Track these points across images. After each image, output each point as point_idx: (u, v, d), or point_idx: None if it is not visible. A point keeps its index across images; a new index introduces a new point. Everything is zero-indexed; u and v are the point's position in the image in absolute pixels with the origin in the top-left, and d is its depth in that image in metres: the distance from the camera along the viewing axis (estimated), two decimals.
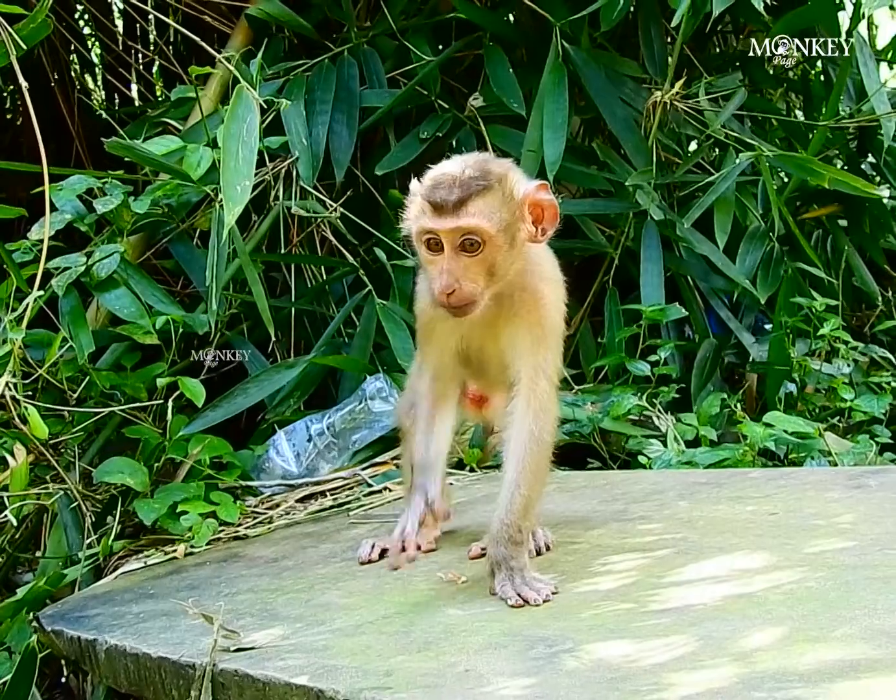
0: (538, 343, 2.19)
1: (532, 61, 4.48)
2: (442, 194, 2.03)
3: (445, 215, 2.03)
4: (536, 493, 2.17)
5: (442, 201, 2.03)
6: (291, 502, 3.37)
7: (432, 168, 2.13)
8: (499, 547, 2.11)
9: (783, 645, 1.61)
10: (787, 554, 2.05)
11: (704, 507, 2.52)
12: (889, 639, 1.56)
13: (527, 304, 2.18)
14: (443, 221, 2.03)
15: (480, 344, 2.28)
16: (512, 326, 2.20)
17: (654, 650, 1.68)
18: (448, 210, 2.03)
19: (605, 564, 2.18)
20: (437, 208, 2.03)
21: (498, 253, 2.07)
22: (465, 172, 2.05)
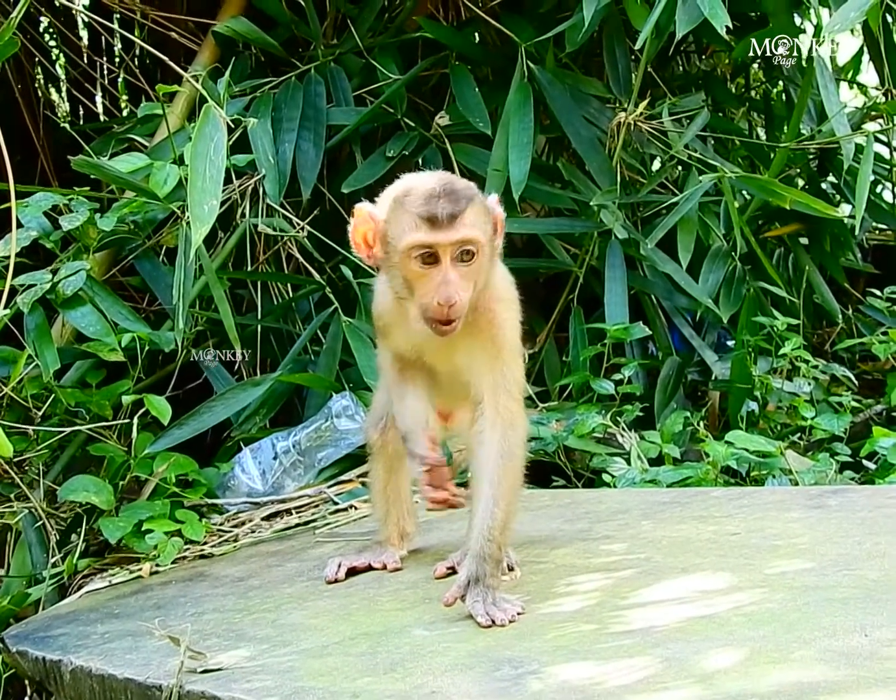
0: (494, 360, 2.21)
1: (498, 81, 4.53)
2: (437, 207, 2.03)
3: (442, 228, 2.03)
4: (513, 509, 2.19)
5: (438, 214, 2.03)
6: (257, 520, 3.36)
7: (397, 187, 2.15)
8: (480, 563, 2.13)
9: (744, 666, 1.63)
10: (748, 574, 2.08)
11: (668, 527, 2.54)
12: (847, 660, 1.59)
13: (480, 323, 2.19)
14: (441, 234, 2.03)
15: (433, 359, 2.30)
16: (466, 344, 2.20)
17: (618, 672, 1.71)
18: (444, 222, 2.03)
19: (570, 584, 2.20)
20: (432, 221, 2.03)
21: (484, 264, 2.11)
22: (448, 185, 2.07)
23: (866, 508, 2.41)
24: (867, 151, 3.87)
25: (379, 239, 2.13)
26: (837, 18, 3.69)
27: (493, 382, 2.20)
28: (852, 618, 1.76)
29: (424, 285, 2.07)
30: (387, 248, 2.11)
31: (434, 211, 2.03)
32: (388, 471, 2.61)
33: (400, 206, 2.08)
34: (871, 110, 4.97)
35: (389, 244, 2.09)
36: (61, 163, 4.51)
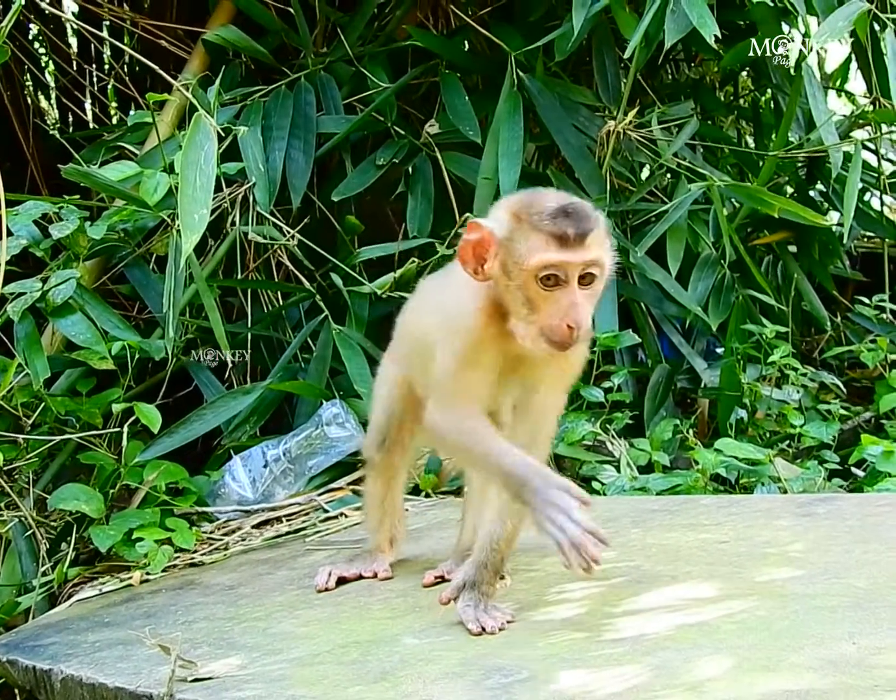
0: (558, 388, 2.20)
1: (487, 89, 4.54)
2: (568, 226, 1.94)
3: (573, 247, 1.94)
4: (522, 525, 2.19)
5: (569, 233, 1.94)
6: (247, 528, 3.36)
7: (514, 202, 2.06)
8: (480, 570, 2.15)
9: (734, 674, 1.64)
10: (737, 583, 2.09)
11: (657, 535, 2.55)
12: (836, 668, 1.60)
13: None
14: (571, 254, 1.94)
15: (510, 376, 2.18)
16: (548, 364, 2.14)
17: (609, 680, 1.72)
18: (574, 242, 1.94)
19: (561, 593, 2.21)
20: (563, 240, 1.94)
21: (601, 288, 2.05)
22: (574, 203, 1.99)
23: (855, 516, 2.43)
24: (855, 160, 3.89)
25: (496, 256, 2.02)
26: (826, 27, 3.72)
27: (553, 403, 2.21)
28: (841, 626, 1.78)
29: (551, 306, 1.97)
30: (507, 266, 2.00)
31: (565, 230, 1.94)
32: (387, 487, 2.61)
33: (525, 222, 1.99)
34: (858, 119, 4.99)
35: (512, 262, 1.99)
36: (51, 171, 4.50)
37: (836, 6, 3.95)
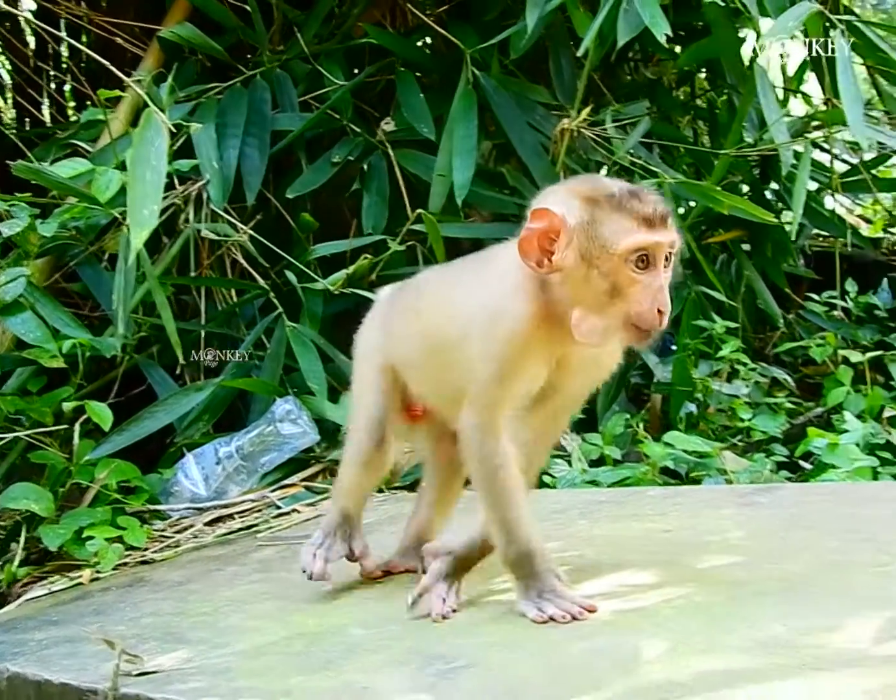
0: (597, 381, 2.18)
1: (444, 87, 4.55)
2: (655, 207, 1.89)
3: (659, 228, 1.88)
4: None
5: (658, 213, 1.88)
6: (200, 525, 3.36)
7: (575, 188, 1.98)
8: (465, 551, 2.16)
9: (670, 657, 1.67)
10: (678, 570, 2.12)
11: (603, 525, 2.58)
12: (766, 649, 1.63)
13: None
14: (660, 235, 1.88)
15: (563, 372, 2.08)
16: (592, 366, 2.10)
17: (547, 665, 1.73)
18: (660, 223, 1.88)
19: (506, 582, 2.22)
20: (650, 222, 1.87)
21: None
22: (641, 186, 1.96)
23: (795, 505, 2.46)
24: (804, 159, 3.94)
25: (570, 244, 1.91)
26: (776, 27, 3.77)
27: (571, 402, 2.17)
28: (774, 609, 1.81)
29: (639, 292, 1.88)
30: (590, 253, 1.89)
31: (653, 211, 1.88)
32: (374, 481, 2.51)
33: (606, 205, 1.90)
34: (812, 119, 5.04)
35: (597, 247, 1.88)
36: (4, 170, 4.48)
37: (788, 6, 4.00)
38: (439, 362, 2.17)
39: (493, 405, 2.02)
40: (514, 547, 2.02)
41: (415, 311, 2.30)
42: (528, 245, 1.93)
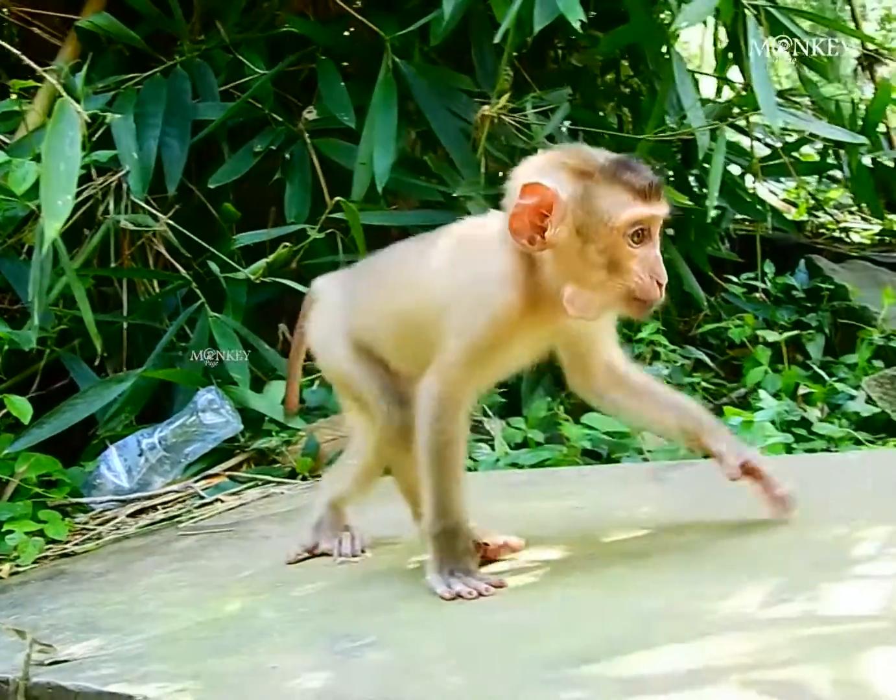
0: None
1: (366, 76, 4.55)
2: (649, 179, 1.86)
3: (654, 200, 1.87)
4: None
5: (652, 185, 1.86)
6: (122, 517, 3.35)
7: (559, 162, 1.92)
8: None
9: (565, 627, 1.70)
10: (584, 544, 2.16)
11: (519, 505, 2.61)
12: (659, 617, 1.67)
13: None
14: (656, 208, 1.87)
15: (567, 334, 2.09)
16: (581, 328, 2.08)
17: (453, 638, 1.77)
18: (655, 195, 1.87)
19: (418, 564, 2.25)
20: (646, 194, 1.85)
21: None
22: (629, 156, 1.96)
23: (702, 480, 2.50)
24: (720, 142, 4.01)
25: (565, 220, 1.87)
26: (688, 13, 3.82)
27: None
28: (672, 578, 1.85)
29: (637, 264, 1.88)
30: (586, 227, 1.86)
31: (647, 182, 1.86)
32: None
33: (600, 178, 1.87)
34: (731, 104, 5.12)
35: (595, 222, 1.86)
36: None
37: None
38: (415, 338, 2.12)
39: (461, 383, 2.01)
40: (443, 522, 2.02)
41: (387, 288, 2.24)
42: (518, 222, 1.88)
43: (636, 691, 1.40)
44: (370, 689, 1.62)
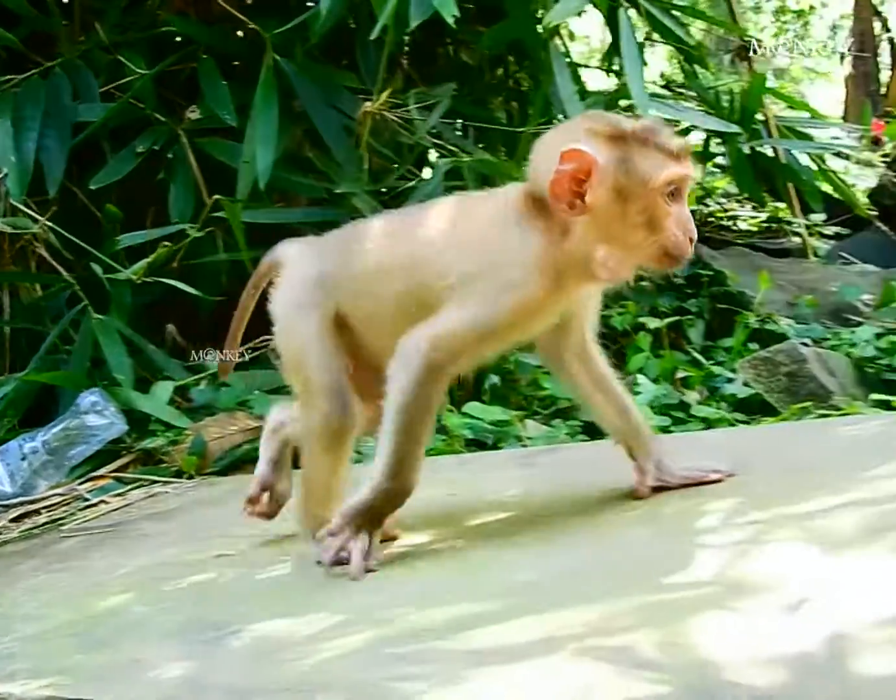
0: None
1: (249, 74, 4.56)
2: (679, 141, 1.98)
3: (685, 160, 1.98)
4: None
5: (682, 146, 1.98)
6: (4, 522, 3.31)
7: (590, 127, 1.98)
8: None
9: (421, 607, 1.75)
10: (452, 528, 2.21)
11: None
12: (512, 593, 1.72)
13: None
14: (688, 168, 1.99)
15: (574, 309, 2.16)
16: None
17: (312, 623, 1.80)
18: (685, 156, 1.98)
19: (288, 553, 2.29)
20: (678, 155, 1.97)
21: None
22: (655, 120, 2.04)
23: (571, 464, 2.59)
24: None
25: (604, 182, 1.93)
26: (559, 8, 3.90)
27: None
28: (529, 557, 1.91)
29: (672, 222, 1.96)
30: (626, 189, 1.94)
31: (678, 144, 1.98)
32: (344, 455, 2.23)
33: (635, 141, 1.96)
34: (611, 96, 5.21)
35: (636, 183, 1.93)
36: None
37: None
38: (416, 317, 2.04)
39: (458, 355, 2.00)
40: (392, 483, 1.99)
41: (387, 265, 2.15)
42: (559, 187, 1.94)
43: (476, 663, 1.45)
44: (230, 675, 1.65)
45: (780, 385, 3.68)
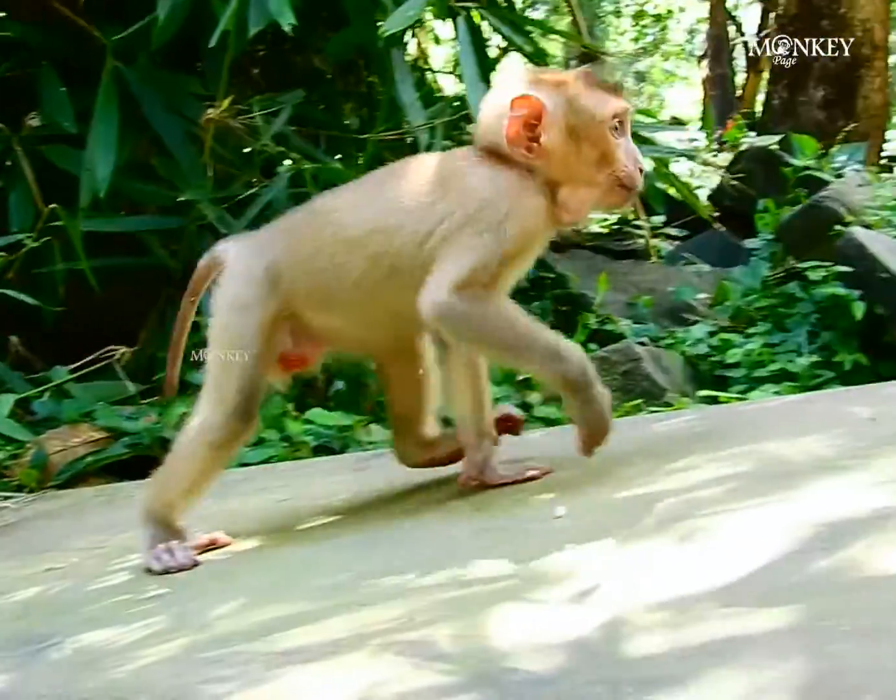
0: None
1: (90, 81, 4.50)
2: (616, 80, 2.13)
3: (624, 96, 2.13)
4: None
5: (620, 83, 2.14)
6: None
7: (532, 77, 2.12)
8: None
9: (240, 611, 1.80)
10: (279, 533, 2.26)
11: (232, 502, 2.67)
12: (326, 594, 1.77)
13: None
14: (627, 102, 2.12)
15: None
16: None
17: (133, 632, 1.82)
18: (622, 92, 2.13)
19: (119, 563, 2.29)
20: (617, 91, 2.13)
21: None
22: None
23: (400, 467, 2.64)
24: (435, 143, 4.18)
25: (555, 124, 2.06)
26: (395, 18, 3.97)
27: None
28: (346, 558, 1.97)
29: (622, 155, 2.09)
30: (577, 127, 2.07)
31: (616, 81, 2.14)
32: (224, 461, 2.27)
33: (578, 83, 2.10)
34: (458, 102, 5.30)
35: (585, 120, 2.07)
36: None
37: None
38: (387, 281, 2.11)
39: (493, 282, 2.03)
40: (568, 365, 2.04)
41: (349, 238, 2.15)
42: (514, 132, 2.06)
43: (282, 663, 1.50)
44: (47, 686, 1.66)
45: (616, 383, 3.82)
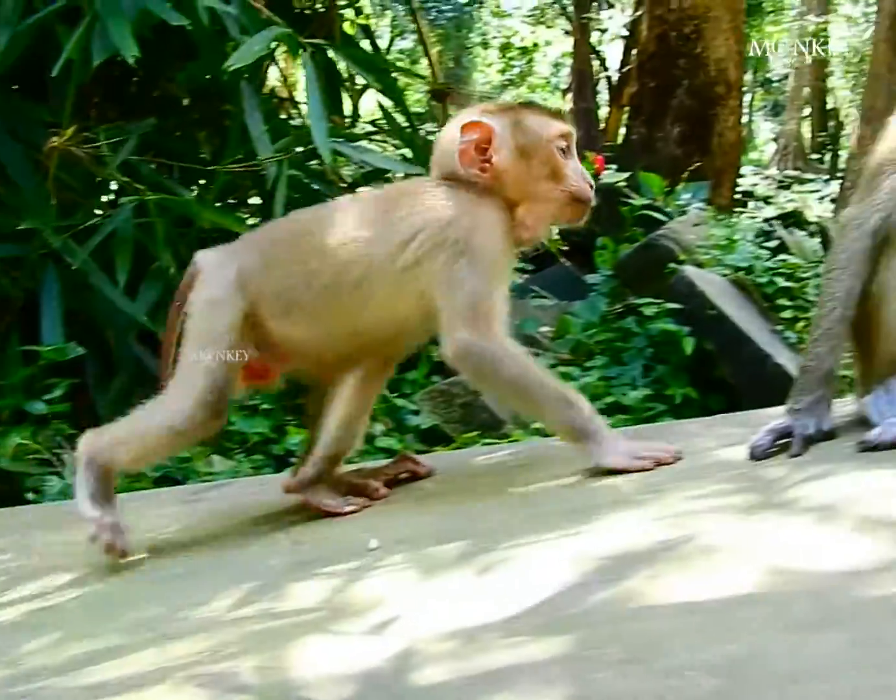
0: None
1: None
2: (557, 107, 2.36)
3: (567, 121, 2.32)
4: None
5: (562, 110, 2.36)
6: None
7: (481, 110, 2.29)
8: None
9: (54, 647, 1.81)
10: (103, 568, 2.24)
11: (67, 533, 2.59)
12: (139, 628, 1.82)
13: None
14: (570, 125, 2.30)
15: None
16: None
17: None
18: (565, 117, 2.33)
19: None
20: (559, 116, 2.32)
21: None
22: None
23: (236, 497, 2.68)
24: (282, 174, 4.23)
25: (505, 144, 2.23)
26: (242, 52, 4.01)
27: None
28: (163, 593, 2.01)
29: (571, 171, 2.26)
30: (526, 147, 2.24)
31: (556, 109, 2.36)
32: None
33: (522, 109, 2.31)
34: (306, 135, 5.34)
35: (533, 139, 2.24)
36: None
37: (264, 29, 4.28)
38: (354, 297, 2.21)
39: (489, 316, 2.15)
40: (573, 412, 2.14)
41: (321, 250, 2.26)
42: (466, 156, 2.22)
43: (90, 697, 1.53)
44: None
45: (455, 416, 3.92)
